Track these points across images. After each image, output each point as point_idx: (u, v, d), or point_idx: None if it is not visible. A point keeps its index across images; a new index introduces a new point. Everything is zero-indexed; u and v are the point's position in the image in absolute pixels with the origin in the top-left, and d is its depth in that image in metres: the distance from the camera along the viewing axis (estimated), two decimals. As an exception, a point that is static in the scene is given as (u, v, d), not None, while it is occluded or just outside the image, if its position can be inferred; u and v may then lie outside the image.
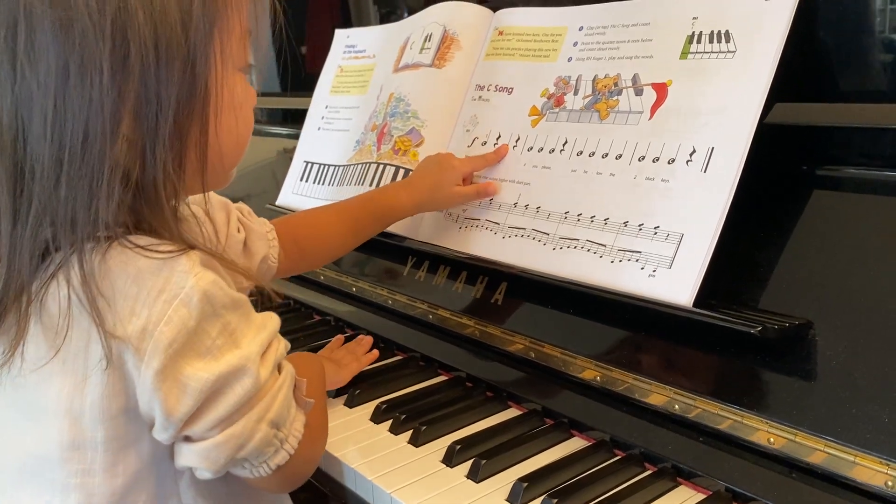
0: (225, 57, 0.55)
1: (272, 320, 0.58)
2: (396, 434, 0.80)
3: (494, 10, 0.99)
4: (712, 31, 0.72)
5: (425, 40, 1.01)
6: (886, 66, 0.70)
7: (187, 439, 0.55)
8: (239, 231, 0.80)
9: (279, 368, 0.58)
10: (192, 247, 0.53)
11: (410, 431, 0.79)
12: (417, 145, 0.99)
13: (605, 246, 0.75)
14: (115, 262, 0.51)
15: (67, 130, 0.49)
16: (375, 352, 0.93)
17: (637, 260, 0.71)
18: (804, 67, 0.72)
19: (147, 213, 0.53)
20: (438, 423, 0.80)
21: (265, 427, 0.55)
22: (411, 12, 1.15)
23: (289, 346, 0.60)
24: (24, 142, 0.50)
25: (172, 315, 0.50)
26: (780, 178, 0.72)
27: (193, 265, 0.51)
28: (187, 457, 0.55)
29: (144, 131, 0.51)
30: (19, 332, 0.52)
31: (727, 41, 0.71)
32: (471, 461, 0.72)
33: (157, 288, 0.50)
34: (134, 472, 0.55)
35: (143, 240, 0.52)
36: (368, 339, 0.95)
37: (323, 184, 1.14)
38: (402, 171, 0.99)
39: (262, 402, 0.55)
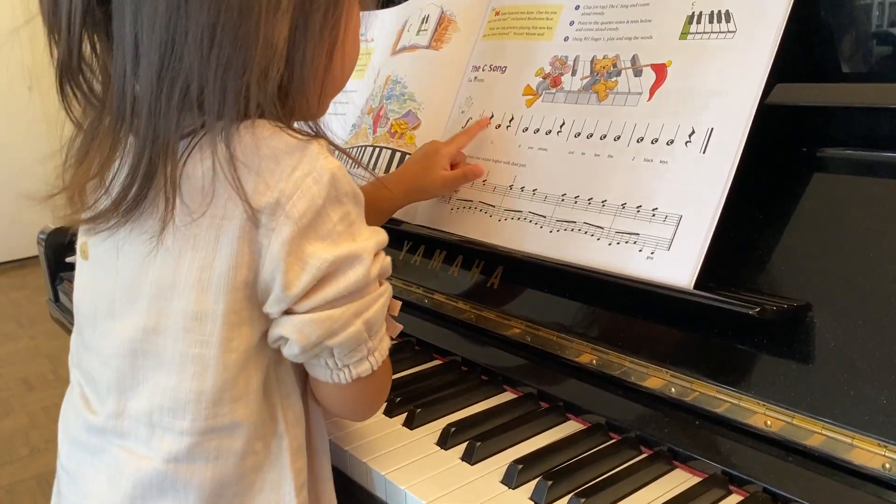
0: None
1: (383, 233, 0.60)
2: (391, 417, 0.79)
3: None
4: (712, 11, 0.71)
5: (422, 22, 1.00)
6: (889, 46, 0.69)
7: (289, 313, 0.57)
8: None
9: (380, 282, 0.60)
10: (321, 136, 0.57)
11: (405, 414, 0.78)
12: (414, 128, 0.98)
13: (602, 228, 0.74)
14: (257, 138, 0.54)
15: (224, 9, 0.51)
16: None
17: (635, 242, 0.70)
18: (805, 47, 0.71)
19: (288, 102, 0.56)
20: (433, 406, 0.79)
21: (360, 324, 0.57)
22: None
23: (390, 263, 0.62)
24: (178, 16, 0.52)
25: (305, 190, 0.54)
26: (779, 159, 0.71)
27: (323, 149, 0.55)
28: (284, 327, 0.57)
29: (296, 24, 0.54)
30: (168, 214, 0.54)
31: (727, 21, 0.70)
32: (465, 444, 0.71)
33: (292, 165, 0.54)
34: (246, 351, 0.58)
35: (278, 124, 0.55)
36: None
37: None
38: (398, 155, 0.98)
39: (364, 298, 0.57)
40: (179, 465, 0.58)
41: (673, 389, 0.70)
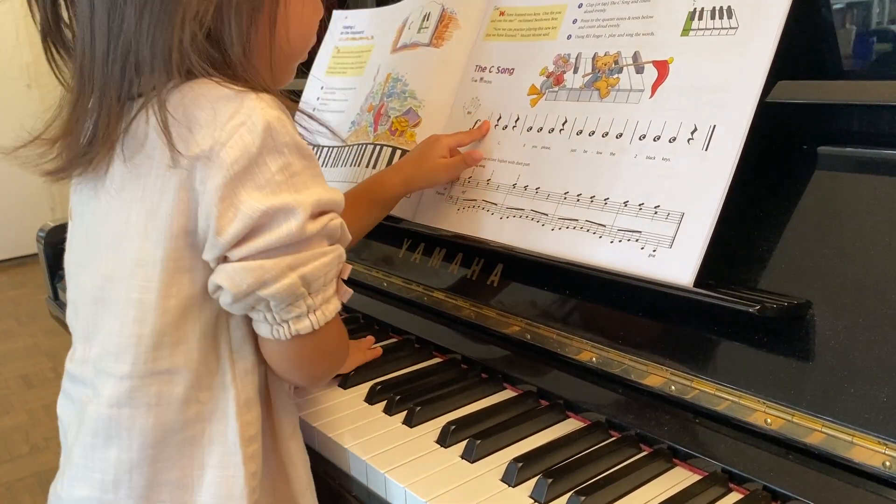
0: None
1: (338, 195, 0.61)
2: (391, 415, 0.79)
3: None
4: (714, 7, 0.71)
5: (423, 19, 1.00)
6: (890, 42, 0.69)
7: (225, 262, 0.58)
8: None
9: (330, 243, 0.61)
10: (266, 90, 0.58)
11: (405, 412, 0.78)
12: (415, 126, 0.97)
13: (604, 226, 0.74)
14: (195, 92, 0.57)
15: None
16: (379, 349, 0.92)
17: (637, 240, 0.70)
18: (807, 44, 0.71)
19: (231, 63, 0.59)
20: (433, 404, 0.79)
21: (295, 277, 0.58)
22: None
23: (345, 225, 0.62)
24: None
25: (237, 139, 0.55)
26: (781, 156, 0.71)
27: (261, 100, 0.57)
28: (217, 274, 0.58)
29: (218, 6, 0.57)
30: (108, 157, 0.59)
31: (729, 17, 0.70)
32: (465, 442, 0.71)
33: (228, 114, 0.56)
34: (186, 298, 0.60)
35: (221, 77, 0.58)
36: (370, 339, 0.95)
37: (325, 166, 1.13)
38: (398, 152, 0.98)
39: (301, 253, 0.58)
40: (122, 411, 0.61)
41: (673, 387, 0.69)
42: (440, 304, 0.95)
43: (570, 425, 0.75)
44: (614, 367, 0.75)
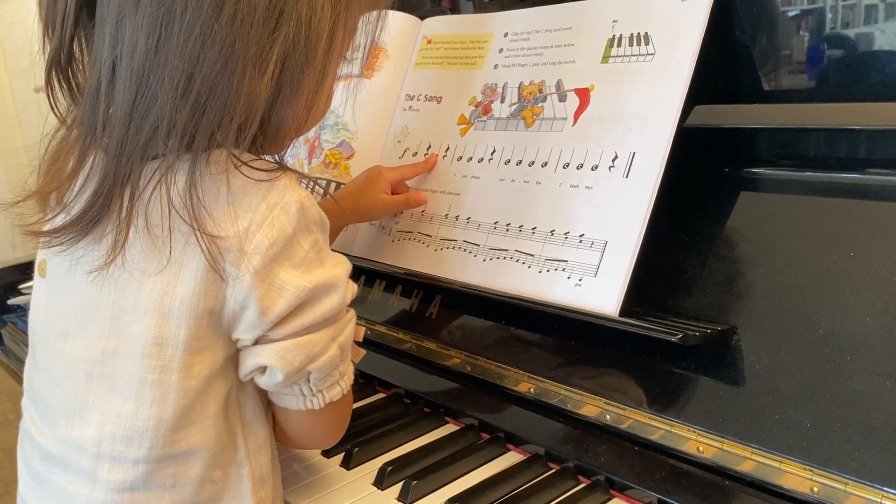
0: (346, 45, 0.61)
1: (347, 260, 0.60)
2: (328, 457, 0.77)
3: (422, 18, 0.98)
4: (632, 34, 0.71)
5: (354, 50, 0.99)
6: (805, 66, 0.70)
7: (264, 341, 0.57)
8: None
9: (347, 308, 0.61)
10: (287, 168, 0.57)
11: (342, 454, 0.76)
12: (348, 158, 0.96)
13: (533, 256, 0.73)
14: (219, 171, 0.54)
15: (207, 58, 0.51)
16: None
17: (564, 269, 0.70)
18: (723, 68, 0.71)
19: (257, 143, 0.57)
20: (371, 444, 0.77)
21: (336, 347, 0.58)
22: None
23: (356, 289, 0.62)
24: (157, 52, 0.52)
25: (274, 220, 0.54)
26: (704, 181, 0.71)
27: (292, 181, 0.56)
28: (264, 355, 0.56)
29: (280, 85, 0.54)
30: (121, 235, 0.54)
31: (646, 43, 0.70)
32: (402, 483, 0.70)
33: (260, 196, 0.54)
34: (206, 377, 0.57)
35: (245, 156, 0.55)
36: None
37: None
38: (333, 185, 0.97)
39: (338, 323, 0.58)
40: (135, 495, 0.57)
41: (608, 417, 0.69)
42: (382, 338, 0.93)
43: (510, 459, 0.74)
44: (551, 397, 0.74)
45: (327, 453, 0.78)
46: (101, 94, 0.54)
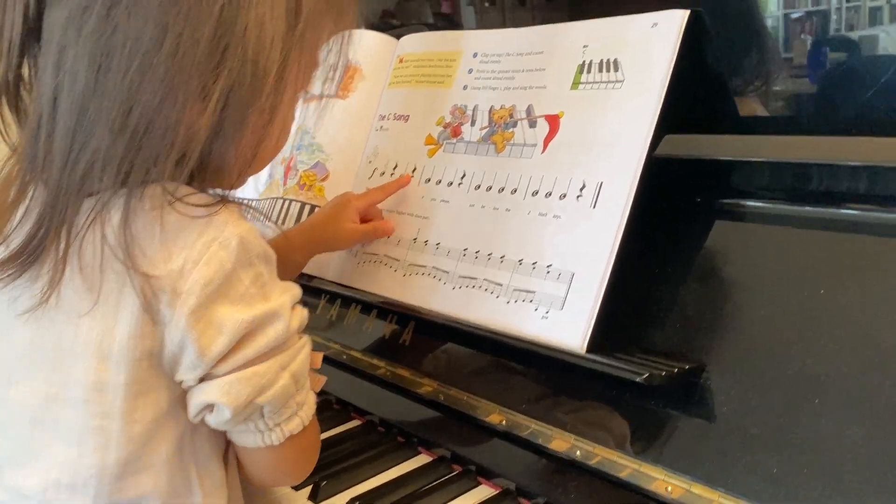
0: (301, 80, 0.59)
1: (296, 287, 0.59)
2: (297, 490, 0.76)
3: (398, 37, 0.96)
4: (602, 60, 0.70)
5: (330, 70, 0.98)
6: (778, 96, 0.68)
7: (209, 378, 0.55)
8: None
9: (299, 335, 0.59)
10: (228, 201, 0.55)
11: (310, 487, 0.75)
12: (323, 179, 0.95)
13: (501, 285, 0.71)
14: (153, 207, 0.52)
15: (145, 92, 0.49)
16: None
17: (531, 301, 0.68)
18: (697, 96, 0.69)
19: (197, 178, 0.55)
20: (341, 476, 0.76)
21: (287, 376, 0.56)
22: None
23: (307, 315, 0.60)
24: (96, 84, 0.50)
25: (211, 257, 0.52)
26: (676, 211, 0.69)
27: (233, 214, 0.54)
28: (208, 392, 0.54)
29: (217, 120, 0.52)
30: (56, 273, 0.52)
31: (616, 70, 0.68)
32: (368, 519, 0.68)
33: (197, 232, 0.52)
34: (152, 421, 0.55)
35: (182, 189, 0.53)
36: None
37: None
38: (307, 207, 0.95)
39: (287, 351, 0.56)
40: None
41: (578, 452, 0.67)
42: (357, 363, 0.91)
43: (481, 493, 0.72)
44: (522, 430, 0.72)
45: (295, 486, 0.76)
46: (43, 124, 0.52)
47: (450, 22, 1.04)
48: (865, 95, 0.60)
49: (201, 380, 0.55)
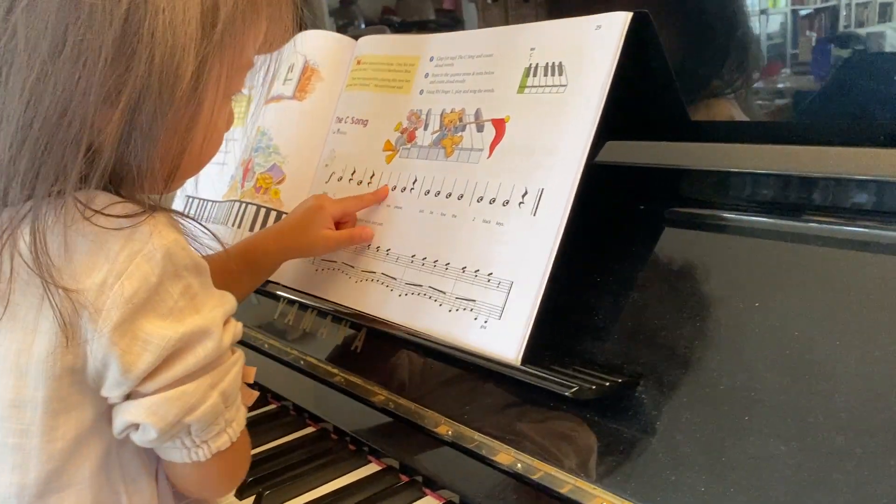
0: (226, 85, 0.55)
1: (231, 298, 0.57)
2: (241, 498, 0.74)
3: (356, 38, 0.94)
4: (547, 63, 0.68)
5: (288, 71, 0.96)
6: (719, 103, 0.66)
7: (135, 395, 0.53)
8: None
9: (232, 350, 0.57)
10: (155, 209, 0.52)
11: (253, 497, 0.73)
12: (279, 182, 0.93)
13: (444, 293, 0.70)
14: (74, 219, 0.50)
15: (46, 100, 0.48)
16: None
17: (472, 309, 0.66)
18: (643, 102, 0.67)
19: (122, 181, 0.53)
20: (286, 486, 0.74)
21: (216, 395, 0.54)
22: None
23: (241, 329, 0.58)
24: None
25: (134, 270, 0.50)
26: (619, 219, 0.67)
27: (158, 225, 0.51)
28: (134, 412, 0.53)
29: (125, 128, 0.50)
30: None
31: (560, 74, 0.66)
32: (306, 531, 0.67)
33: (119, 244, 0.50)
34: (74, 438, 0.53)
35: (102, 199, 0.51)
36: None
37: (203, 221, 1.09)
38: (263, 211, 0.94)
39: (217, 369, 0.54)
40: None
41: (520, 466, 0.65)
42: (314, 369, 0.90)
43: (426, 505, 0.71)
44: (468, 441, 0.70)
45: (239, 494, 0.75)
46: None
47: (452, 19, 1.02)
48: (806, 102, 0.58)
49: (127, 396, 0.53)
